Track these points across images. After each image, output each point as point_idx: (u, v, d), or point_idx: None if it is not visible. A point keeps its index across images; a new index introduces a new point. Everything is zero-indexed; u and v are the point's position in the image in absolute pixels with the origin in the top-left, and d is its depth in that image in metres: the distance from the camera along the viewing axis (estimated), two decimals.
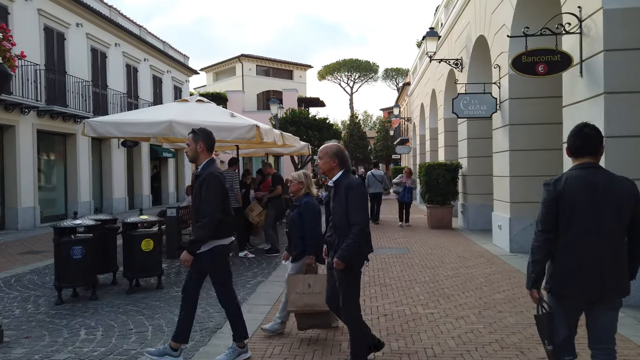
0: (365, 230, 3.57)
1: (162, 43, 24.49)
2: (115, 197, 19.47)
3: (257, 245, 10.06)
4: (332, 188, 3.73)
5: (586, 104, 5.80)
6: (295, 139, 13.63)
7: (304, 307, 4.44)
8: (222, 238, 3.99)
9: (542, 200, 2.77)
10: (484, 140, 11.92)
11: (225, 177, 9.07)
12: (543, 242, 2.74)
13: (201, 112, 8.92)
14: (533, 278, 2.76)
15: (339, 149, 3.76)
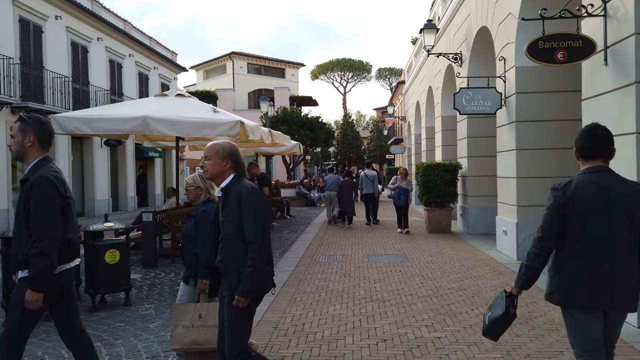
0: (267, 249, 2.89)
1: (149, 39, 23.64)
2: (98, 198, 18.61)
3: None
4: (221, 198, 3.00)
5: (612, 96, 5.10)
6: (286, 138, 12.89)
7: (190, 344, 3.56)
8: (64, 262, 2.97)
9: (548, 206, 2.64)
10: (485, 139, 11.24)
11: None
12: (541, 249, 2.65)
13: (180, 108, 8.18)
14: (523, 280, 2.74)
15: (233, 148, 3.04)
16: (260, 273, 2.81)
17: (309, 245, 10.24)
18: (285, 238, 11.45)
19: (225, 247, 2.92)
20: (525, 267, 2.72)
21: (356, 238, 11.19)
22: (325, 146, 27.54)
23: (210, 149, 3.00)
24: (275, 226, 13.77)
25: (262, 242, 2.82)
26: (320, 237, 11.57)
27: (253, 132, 8.40)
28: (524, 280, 2.73)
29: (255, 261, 2.78)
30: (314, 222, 14.85)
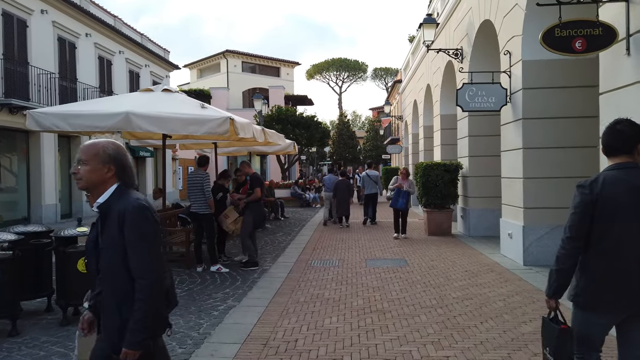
0: (161, 283, 2.18)
1: (140, 35, 23.07)
2: (86, 199, 17.99)
3: (233, 256, 8.79)
4: (99, 216, 2.25)
5: (635, 89, 4.65)
6: (280, 137, 12.42)
7: None
8: None
9: (575, 205, 2.52)
10: (487, 138, 10.80)
11: (194, 179, 7.87)
12: (571, 250, 2.53)
13: (166, 103, 7.66)
14: (555, 287, 2.60)
15: (117, 150, 2.26)
16: (149, 320, 2.12)
17: (304, 249, 9.76)
18: (279, 241, 10.96)
19: (103, 278, 2.19)
20: (556, 272, 2.58)
21: (353, 241, 10.72)
22: (321, 146, 27.08)
23: (86, 151, 2.21)
24: (268, 228, 13.28)
25: (153, 277, 2.12)
26: (316, 239, 11.09)
27: (244, 129, 7.90)
28: (556, 287, 2.59)
29: (147, 303, 2.09)
30: (309, 224, 14.37)
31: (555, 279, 2.57)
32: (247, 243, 7.89)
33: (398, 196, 10.71)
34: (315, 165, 46.80)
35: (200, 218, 7.60)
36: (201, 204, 7.57)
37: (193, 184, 7.58)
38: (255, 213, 7.95)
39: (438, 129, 14.74)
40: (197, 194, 7.56)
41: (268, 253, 9.33)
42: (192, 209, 7.62)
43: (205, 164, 7.95)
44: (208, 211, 7.62)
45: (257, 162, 31.84)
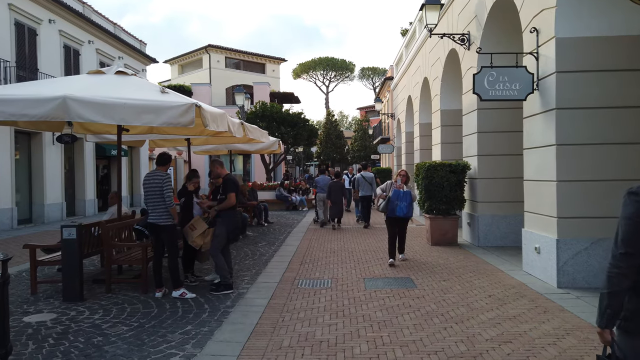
0: None
1: (113, 25, 21.36)
2: (49, 202, 16.31)
3: (203, 275, 7.27)
4: None
5: None
6: (263, 133, 10.92)
7: None
8: None
9: (629, 215, 2.11)
10: (500, 135, 9.48)
11: (151, 181, 6.32)
12: (627, 268, 2.10)
13: (116, 87, 6.18)
14: (609, 315, 2.15)
15: None
16: None
17: (290, 263, 8.29)
18: (261, 253, 9.47)
19: None
20: (608, 296, 2.14)
21: (346, 252, 9.28)
22: (308, 145, 25.58)
23: None
24: (249, 236, 11.77)
25: None
26: (304, 250, 9.63)
27: (216, 121, 6.41)
28: (610, 315, 2.15)
29: None
30: (295, 230, 12.89)
31: (608, 305, 2.15)
32: (219, 261, 6.38)
33: (397, 200, 7.85)
34: (302, 166, 45.31)
35: (159, 230, 6.09)
36: (161, 212, 6.06)
37: (150, 187, 6.07)
38: (229, 224, 6.45)
39: (438, 126, 13.38)
40: (156, 200, 6.05)
41: (247, 269, 7.84)
42: (150, 219, 6.10)
43: (165, 163, 6.39)
44: (170, 221, 6.11)
45: (239, 163, 30.24)
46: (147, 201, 6.12)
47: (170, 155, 6.66)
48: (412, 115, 18.84)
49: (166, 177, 6.14)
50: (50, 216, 16.36)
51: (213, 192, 7.29)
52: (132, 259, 6.48)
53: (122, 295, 6.20)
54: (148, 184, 6.10)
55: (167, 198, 6.03)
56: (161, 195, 6.02)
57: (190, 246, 6.61)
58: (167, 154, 6.46)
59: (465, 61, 10.46)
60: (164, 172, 6.25)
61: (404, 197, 7.93)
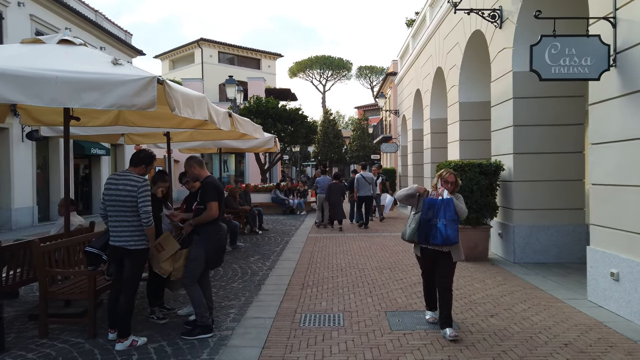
0: None
1: (94, 12, 19.63)
2: (17, 206, 14.58)
3: (173, 310, 5.59)
4: None
5: None
6: (256, 128, 9.26)
7: None
8: None
9: None
10: (543, 129, 7.91)
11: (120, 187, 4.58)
12: None
13: (51, 58, 4.50)
14: None
15: None
16: None
17: (289, 286, 6.65)
18: (253, 271, 7.82)
19: None
20: None
21: (356, 269, 7.63)
22: (307, 143, 23.91)
23: None
24: (240, 248, 10.10)
25: None
26: (305, 266, 7.99)
27: (190, 105, 4.75)
28: None
29: None
30: (294, 239, 11.24)
31: None
32: (195, 295, 4.72)
33: (433, 214, 4.66)
34: (299, 166, 43.63)
35: (126, 256, 4.40)
36: (132, 232, 4.36)
37: (118, 196, 4.35)
38: (209, 244, 4.78)
39: (455, 121, 11.76)
40: (126, 215, 4.36)
41: (234, 296, 6.18)
42: (115, 241, 4.39)
43: (141, 164, 4.66)
44: (143, 245, 4.43)
45: (232, 163, 28.50)
46: (112, 215, 4.41)
47: (152, 153, 4.84)
48: (420, 110, 17.24)
49: (143, 185, 4.38)
50: (19, 222, 14.64)
51: (187, 200, 5.60)
52: (76, 290, 4.79)
53: (60, 343, 4.53)
54: (114, 191, 4.38)
55: (144, 213, 4.30)
56: (133, 209, 4.33)
57: (153, 274, 4.94)
58: (146, 151, 4.72)
59: (496, 42, 8.85)
60: (139, 176, 4.52)
61: (444, 209, 4.61)
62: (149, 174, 4.89)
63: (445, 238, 4.57)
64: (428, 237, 4.63)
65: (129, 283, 4.42)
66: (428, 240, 4.65)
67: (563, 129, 7.94)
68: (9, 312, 5.55)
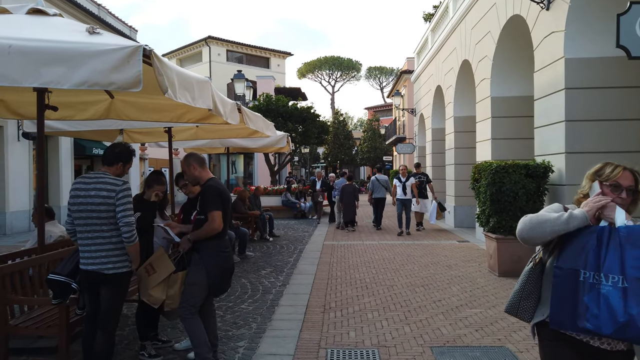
0: None
1: (97, 6, 18.75)
2: (12, 210, 13.67)
3: (170, 343, 4.56)
4: None
5: None
6: (268, 125, 8.29)
7: None
8: None
9: None
10: (604, 124, 6.80)
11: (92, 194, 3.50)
12: None
13: (14, 27, 3.51)
14: None
15: None
16: None
17: (308, 309, 5.62)
18: (265, 287, 6.79)
19: None
20: None
21: (384, 286, 6.56)
22: (318, 143, 22.88)
23: None
24: (250, 258, 9.08)
25: None
26: (324, 281, 6.95)
27: (189, 89, 3.75)
28: None
29: None
30: (308, 248, 10.20)
31: None
32: (194, 328, 3.70)
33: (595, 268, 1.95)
34: (308, 168, 42.60)
35: (102, 282, 3.38)
36: (110, 250, 3.34)
37: (89, 205, 3.30)
38: (213, 264, 3.75)
39: (486, 118, 10.67)
40: (102, 230, 3.32)
41: (243, 322, 5.15)
42: (87, 264, 3.36)
43: (120, 161, 3.60)
44: (125, 267, 3.40)
45: (240, 163, 27.52)
46: (82, 230, 3.35)
47: (130, 147, 3.79)
48: (441, 108, 16.14)
49: (123, 188, 3.35)
50: (14, 226, 13.74)
51: (185, 208, 4.56)
52: (44, 324, 3.77)
53: None
54: (83, 199, 3.32)
55: (124, 226, 3.27)
56: (110, 221, 3.31)
57: (142, 303, 3.92)
58: (121, 145, 3.68)
59: (541, 26, 7.77)
60: (116, 177, 3.48)
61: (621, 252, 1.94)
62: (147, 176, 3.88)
63: (625, 324, 1.88)
64: (575, 314, 1.98)
65: (108, 318, 3.39)
66: (575, 323, 1.98)
67: (626, 125, 6.84)
68: None
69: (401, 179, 12.42)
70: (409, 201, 12.21)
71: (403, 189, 12.23)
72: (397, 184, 12.44)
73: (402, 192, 12.19)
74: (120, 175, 3.49)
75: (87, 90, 5.44)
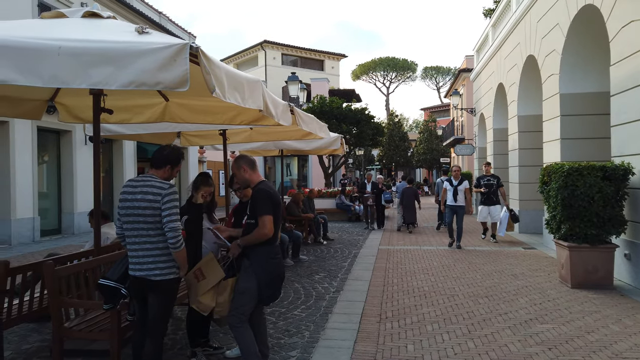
0: None
1: (158, 14, 19.41)
2: (80, 211, 14.34)
3: (221, 349, 4.43)
4: None
5: None
6: (322, 127, 8.12)
7: None
8: None
9: None
10: None
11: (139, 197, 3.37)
12: None
13: (66, 29, 3.53)
14: None
15: None
16: None
17: (362, 318, 5.34)
18: (318, 293, 6.58)
19: None
20: None
21: (443, 296, 6.16)
22: (373, 145, 22.49)
23: None
24: (303, 262, 8.92)
25: None
26: (380, 288, 6.64)
27: (239, 89, 3.61)
28: None
29: None
30: (363, 252, 9.90)
31: None
32: (243, 338, 3.54)
33: None
34: (362, 170, 42.19)
35: (150, 289, 3.30)
36: (157, 256, 3.26)
37: (136, 209, 3.24)
38: (263, 271, 3.58)
39: (555, 116, 9.94)
40: (149, 235, 3.24)
41: (296, 330, 4.96)
42: (136, 270, 3.29)
43: (168, 163, 3.45)
44: (172, 274, 3.31)
45: (295, 166, 27.62)
46: (130, 235, 3.29)
47: (179, 150, 3.69)
48: (504, 107, 15.35)
49: (169, 192, 3.24)
50: (81, 226, 14.39)
51: (237, 211, 4.43)
52: (96, 328, 3.75)
53: None
54: (130, 202, 3.26)
55: (170, 231, 3.16)
56: (157, 225, 3.22)
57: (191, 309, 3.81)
58: (169, 147, 3.58)
59: (619, 15, 7.08)
60: (163, 181, 3.37)
61: None
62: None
63: None
64: None
65: (156, 325, 3.30)
66: None
67: None
68: (33, 343, 4.68)
69: (452, 182, 10.58)
70: (460, 208, 10.45)
71: (454, 194, 10.47)
72: (447, 188, 10.67)
73: (453, 198, 10.48)
74: (168, 179, 3.39)
75: (142, 93, 5.53)
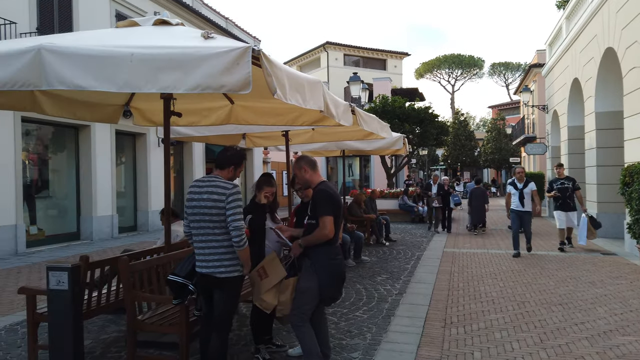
0: None
1: (225, 20, 20.08)
2: (153, 209, 15.14)
3: (284, 348, 4.48)
4: None
5: None
6: (383, 127, 8.00)
7: None
8: None
9: None
10: None
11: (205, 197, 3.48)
12: None
13: (137, 37, 3.71)
14: None
15: None
16: None
17: (426, 321, 5.20)
18: (380, 295, 6.50)
19: None
20: None
21: (513, 302, 5.87)
22: (437, 145, 21.96)
23: None
24: (365, 263, 8.86)
25: None
26: (444, 292, 6.46)
27: (300, 90, 3.61)
28: None
29: None
30: (427, 255, 9.67)
31: None
32: (304, 338, 3.56)
33: None
34: (426, 170, 41.34)
35: (216, 286, 3.41)
36: (222, 254, 3.35)
37: (202, 208, 3.35)
38: (323, 272, 3.59)
39: (638, 112, 9.19)
40: (214, 234, 3.35)
41: (357, 331, 4.92)
42: (202, 267, 3.41)
43: (231, 164, 3.56)
44: (236, 272, 3.39)
45: (357, 166, 27.53)
46: (197, 233, 3.41)
47: (241, 151, 3.79)
48: (579, 103, 14.43)
49: (233, 192, 3.33)
50: (155, 224, 15.19)
51: (298, 211, 4.46)
52: (166, 322, 3.92)
53: None
54: (197, 202, 3.38)
55: (234, 230, 3.25)
56: (222, 224, 3.32)
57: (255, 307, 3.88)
58: (232, 148, 3.68)
59: None
60: (227, 181, 3.46)
61: None
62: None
63: None
64: None
65: (221, 321, 3.40)
66: None
67: None
68: (110, 334, 4.98)
69: (517, 185, 9.47)
70: (527, 214, 9.38)
71: (520, 198, 9.38)
72: (511, 192, 9.52)
73: (519, 202, 9.39)
74: (232, 179, 3.48)
75: (209, 97, 5.74)
